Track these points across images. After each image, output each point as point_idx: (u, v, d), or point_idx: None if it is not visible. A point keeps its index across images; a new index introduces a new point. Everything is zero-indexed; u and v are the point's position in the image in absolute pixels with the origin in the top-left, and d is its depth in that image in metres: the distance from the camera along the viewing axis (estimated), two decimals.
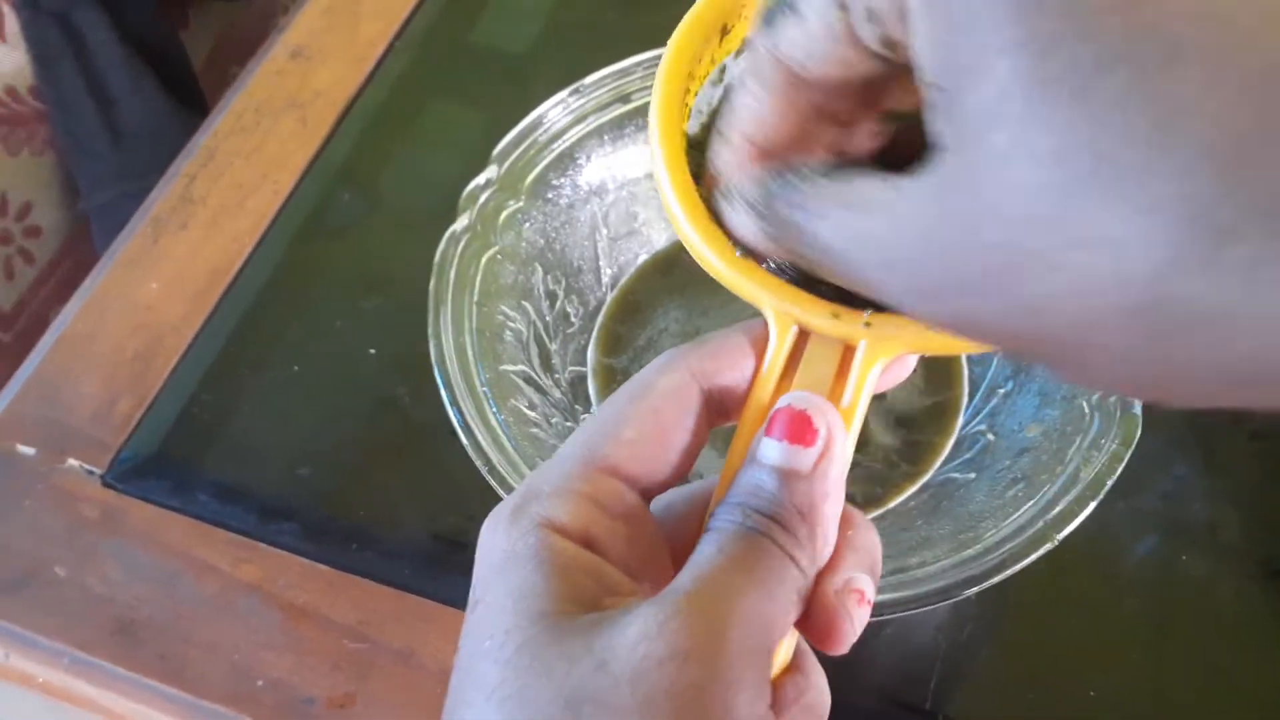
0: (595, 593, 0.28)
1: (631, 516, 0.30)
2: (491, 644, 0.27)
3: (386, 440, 0.63)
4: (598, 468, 0.30)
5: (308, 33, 0.81)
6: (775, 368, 0.32)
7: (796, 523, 0.29)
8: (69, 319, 0.68)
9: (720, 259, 0.33)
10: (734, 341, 0.32)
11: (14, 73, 1.04)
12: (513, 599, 0.28)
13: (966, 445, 0.55)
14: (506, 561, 0.29)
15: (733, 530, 0.29)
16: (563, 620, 0.27)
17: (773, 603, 0.28)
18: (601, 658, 0.26)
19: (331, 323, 0.67)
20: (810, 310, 0.32)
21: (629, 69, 0.59)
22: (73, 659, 0.56)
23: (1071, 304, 0.23)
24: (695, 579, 0.28)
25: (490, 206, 0.56)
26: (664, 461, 0.31)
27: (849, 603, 0.30)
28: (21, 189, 1.05)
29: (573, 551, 0.29)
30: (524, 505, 0.30)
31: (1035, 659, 0.54)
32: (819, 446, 0.30)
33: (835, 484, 0.30)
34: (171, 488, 0.61)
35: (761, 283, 0.33)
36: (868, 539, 0.31)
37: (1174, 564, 0.55)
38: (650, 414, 0.31)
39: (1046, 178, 0.22)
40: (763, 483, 0.30)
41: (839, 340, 0.32)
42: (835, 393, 0.31)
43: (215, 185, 0.73)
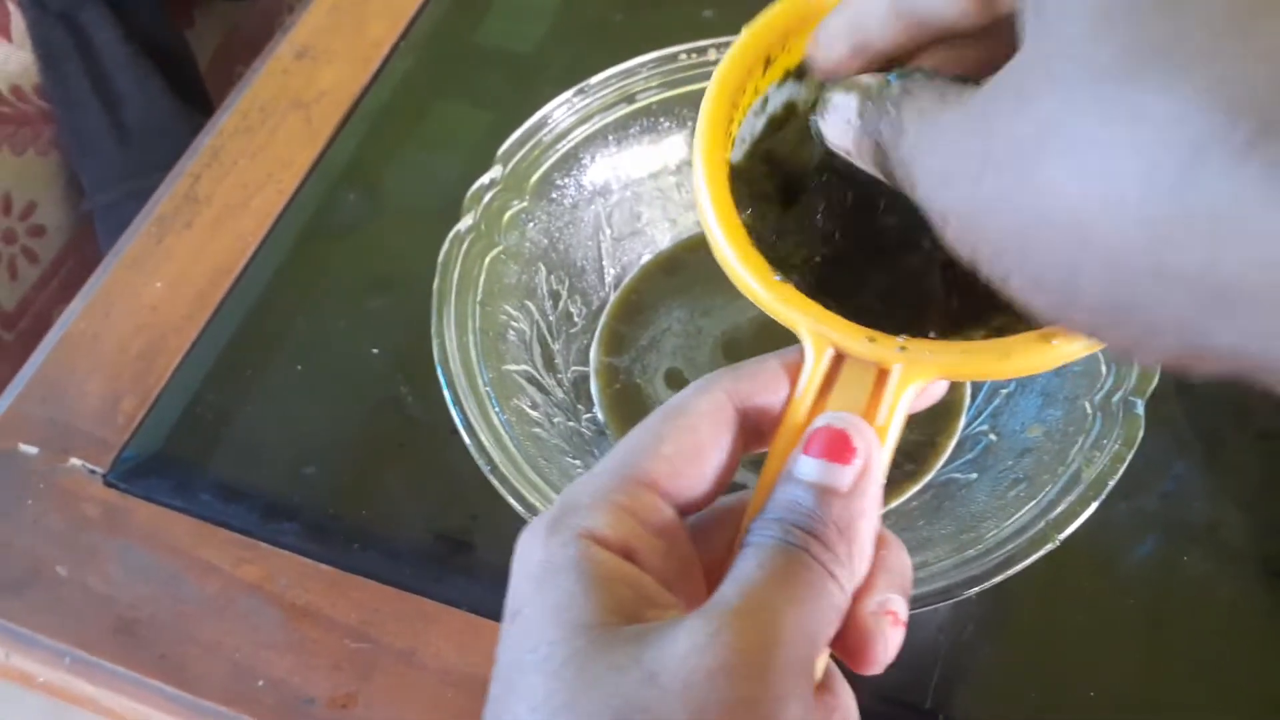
0: (636, 604, 0.28)
1: (668, 531, 0.31)
2: (534, 656, 0.27)
3: (389, 440, 0.63)
4: (637, 481, 0.31)
5: (313, 32, 0.81)
6: (811, 389, 0.32)
7: (835, 539, 0.29)
8: (72, 318, 0.68)
9: (759, 282, 0.34)
10: (769, 366, 0.33)
11: (19, 72, 1.04)
12: (554, 610, 0.28)
13: (969, 445, 0.54)
14: (546, 573, 0.29)
15: (772, 545, 0.29)
16: (607, 632, 0.27)
17: (816, 619, 0.28)
18: (651, 670, 0.26)
19: (335, 322, 0.67)
20: (846, 334, 0.33)
21: (634, 69, 0.59)
22: (74, 658, 0.56)
23: (1091, 192, 0.22)
24: (741, 593, 0.28)
25: (494, 206, 0.56)
26: (700, 479, 0.32)
27: (884, 623, 0.30)
28: (26, 188, 1.06)
29: (613, 563, 0.29)
30: (562, 517, 0.30)
31: (1036, 659, 0.54)
32: (858, 465, 0.30)
33: (872, 503, 0.30)
34: (174, 487, 0.61)
35: (799, 306, 0.33)
36: (900, 560, 0.31)
37: (1175, 564, 0.55)
38: (687, 431, 0.31)
39: (1114, 59, 0.22)
40: (800, 499, 0.30)
41: (874, 364, 0.32)
42: (869, 415, 0.32)
43: (220, 185, 0.73)
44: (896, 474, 0.54)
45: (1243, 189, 0.20)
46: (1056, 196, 0.23)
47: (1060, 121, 0.23)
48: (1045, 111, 0.23)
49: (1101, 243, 0.23)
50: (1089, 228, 0.23)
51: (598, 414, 0.58)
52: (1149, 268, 0.22)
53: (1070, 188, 0.23)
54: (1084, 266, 0.23)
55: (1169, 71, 0.21)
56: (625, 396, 0.59)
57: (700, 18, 0.78)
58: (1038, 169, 0.23)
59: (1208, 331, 0.22)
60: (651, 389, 0.59)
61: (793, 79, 0.37)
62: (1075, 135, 0.23)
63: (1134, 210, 0.22)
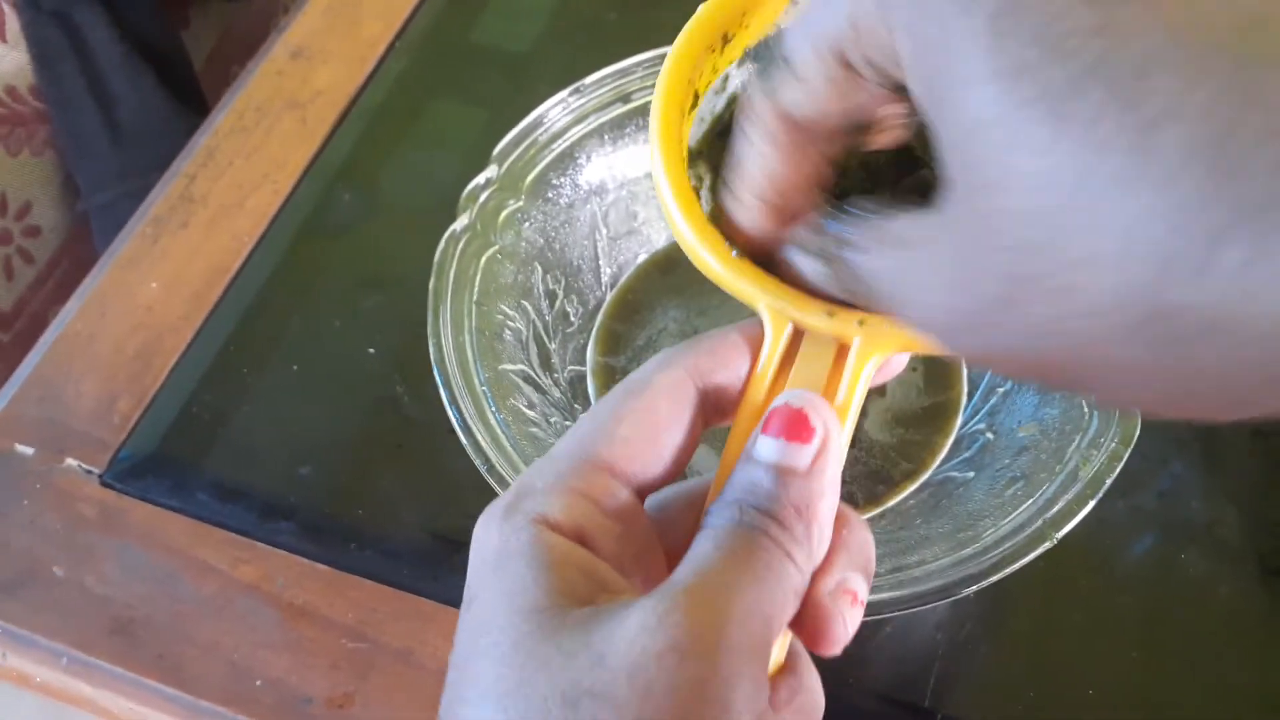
0: (588, 589, 0.28)
1: (625, 514, 0.30)
2: (487, 641, 0.27)
3: (385, 439, 0.63)
4: (592, 465, 0.30)
5: (308, 33, 0.81)
6: (770, 366, 0.32)
7: (793, 520, 0.29)
8: (68, 318, 0.68)
9: (716, 259, 0.33)
10: (730, 340, 0.33)
11: (14, 72, 1.04)
12: (506, 595, 0.28)
13: (965, 444, 0.55)
14: (500, 558, 0.29)
15: (730, 527, 0.29)
16: (557, 615, 0.27)
17: (771, 599, 0.28)
18: (599, 651, 0.26)
19: (331, 322, 0.67)
20: (805, 309, 0.32)
21: (629, 68, 0.59)
22: (71, 658, 0.56)
23: (1078, 326, 0.23)
24: (694, 574, 0.28)
25: (490, 206, 0.56)
26: (658, 459, 0.31)
27: (842, 604, 0.30)
28: (21, 188, 1.05)
29: (566, 547, 0.29)
30: (517, 502, 0.30)
31: (1034, 657, 0.54)
32: (815, 444, 0.30)
33: (831, 482, 0.30)
34: (170, 487, 0.61)
35: (757, 281, 0.33)
36: (860, 538, 0.31)
37: (1172, 562, 0.55)
38: (645, 412, 0.31)
39: (1036, 201, 0.22)
40: (759, 480, 0.30)
41: (834, 338, 0.32)
42: (830, 390, 0.32)
43: (215, 185, 0.73)
44: (894, 473, 0.54)
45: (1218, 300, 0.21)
46: (1058, 339, 0.24)
47: (1028, 264, 0.23)
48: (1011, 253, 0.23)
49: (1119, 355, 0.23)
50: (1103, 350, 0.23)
51: None
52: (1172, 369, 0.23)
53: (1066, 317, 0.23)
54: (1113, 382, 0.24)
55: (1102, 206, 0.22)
56: None
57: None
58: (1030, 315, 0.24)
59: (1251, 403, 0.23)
60: None
61: (751, 60, 0.36)
62: (1045, 270, 0.23)
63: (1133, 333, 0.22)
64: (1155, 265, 0.21)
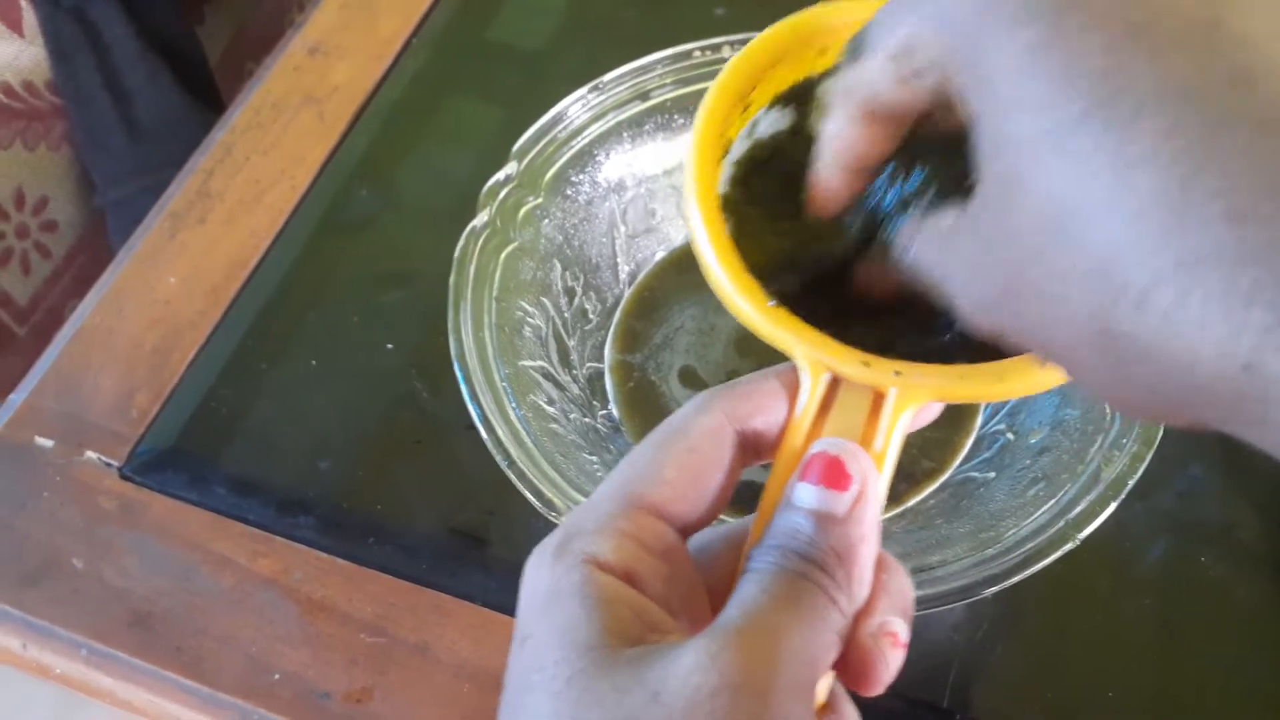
0: (638, 628, 0.29)
1: (670, 555, 0.31)
2: (540, 677, 0.28)
3: (404, 434, 0.63)
4: (638, 507, 0.31)
5: (325, 29, 0.81)
6: (808, 414, 0.33)
7: (834, 565, 0.30)
8: (87, 312, 0.68)
9: (754, 308, 0.34)
10: (768, 386, 0.33)
11: (31, 67, 1.04)
12: (559, 632, 0.28)
13: (986, 444, 0.55)
14: (552, 597, 0.29)
15: (773, 571, 0.30)
16: (610, 653, 0.28)
17: (816, 641, 0.29)
18: (654, 689, 0.26)
19: (349, 317, 0.67)
20: (842, 358, 0.33)
21: (649, 66, 0.59)
22: (90, 650, 0.57)
23: (1058, 328, 0.26)
24: (742, 615, 0.28)
25: (509, 203, 0.56)
26: (700, 501, 0.32)
27: (883, 645, 0.30)
28: (38, 183, 1.05)
29: (616, 587, 0.29)
30: (567, 542, 0.30)
31: (1052, 658, 0.54)
32: (854, 491, 0.31)
33: (871, 527, 0.31)
34: (189, 480, 0.61)
35: (794, 330, 0.34)
36: (900, 583, 0.32)
37: (1192, 564, 0.55)
38: (688, 455, 0.32)
39: (1039, 216, 0.25)
40: (799, 526, 0.30)
41: (870, 387, 0.33)
42: (867, 438, 0.32)
43: (232, 180, 0.73)
44: (915, 472, 0.54)
45: (1148, 332, 0.24)
46: (1046, 332, 0.27)
47: (1022, 269, 0.27)
48: (1011, 256, 0.27)
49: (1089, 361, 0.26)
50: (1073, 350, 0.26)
51: (613, 410, 0.58)
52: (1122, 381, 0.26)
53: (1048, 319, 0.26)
54: (1086, 377, 0.27)
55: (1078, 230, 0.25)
56: (640, 394, 0.59)
57: (712, 15, 0.79)
58: (1028, 311, 0.27)
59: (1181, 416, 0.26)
60: (666, 387, 0.59)
61: (780, 105, 0.38)
62: (1035, 276, 0.26)
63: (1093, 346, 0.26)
64: (1111, 293, 0.24)
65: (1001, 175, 0.26)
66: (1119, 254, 0.24)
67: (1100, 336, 0.25)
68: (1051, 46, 0.25)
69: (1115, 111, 0.24)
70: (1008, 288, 0.27)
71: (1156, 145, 0.23)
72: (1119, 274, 0.24)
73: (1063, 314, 0.25)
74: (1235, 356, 0.23)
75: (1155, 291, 0.23)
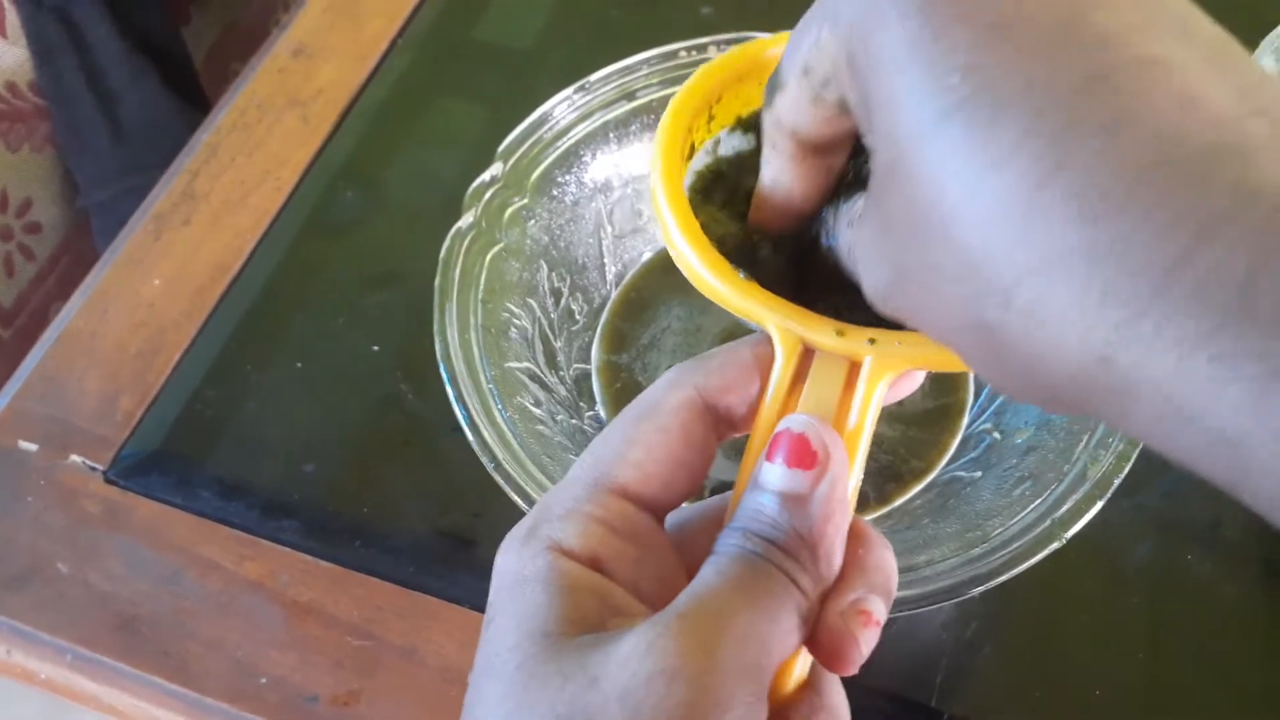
0: (600, 614, 0.29)
1: (640, 537, 0.31)
2: (498, 661, 0.28)
3: (390, 437, 0.62)
4: (607, 489, 0.31)
5: (310, 30, 0.81)
6: (781, 386, 0.32)
7: (797, 546, 0.29)
8: (71, 315, 0.68)
9: (723, 281, 0.34)
10: (740, 358, 0.33)
11: (14, 68, 1.04)
12: (519, 619, 0.29)
13: (972, 444, 0.55)
14: (517, 583, 0.30)
15: (733, 554, 0.29)
16: (562, 640, 0.28)
17: (771, 623, 0.28)
18: (594, 675, 0.27)
19: (334, 319, 0.67)
20: (815, 328, 0.32)
21: (635, 66, 0.59)
22: (75, 655, 0.56)
23: (940, 316, 0.27)
24: (690, 599, 0.28)
25: (495, 203, 0.56)
26: (674, 480, 0.32)
27: (854, 624, 0.30)
28: (21, 185, 1.05)
29: (579, 573, 0.29)
30: (535, 529, 0.30)
31: (1040, 657, 0.54)
32: (819, 469, 0.30)
33: (837, 505, 0.30)
34: (174, 484, 0.61)
35: (766, 302, 0.33)
36: (880, 558, 0.31)
37: (1178, 562, 0.55)
38: (658, 433, 0.32)
39: (912, 214, 0.26)
40: (763, 506, 0.30)
41: (844, 357, 0.32)
42: (842, 408, 0.32)
43: (217, 182, 0.73)
44: (902, 471, 0.54)
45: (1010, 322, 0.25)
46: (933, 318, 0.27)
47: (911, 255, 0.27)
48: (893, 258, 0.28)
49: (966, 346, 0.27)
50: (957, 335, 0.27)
51: (600, 412, 0.58)
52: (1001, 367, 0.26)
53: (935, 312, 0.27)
54: (972, 361, 0.27)
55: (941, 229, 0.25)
56: (627, 395, 0.59)
57: (699, 15, 0.79)
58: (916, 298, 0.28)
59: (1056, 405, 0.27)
60: None
61: (741, 130, 0.38)
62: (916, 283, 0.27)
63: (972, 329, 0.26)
64: (979, 289, 0.24)
65: (886, 167, 0.27)
66: (983, 253, 0.24)
67: (976, 328, 0.25)
68: (925, 41, 0.25)
69: (976, 111, 0.24)
70: (898, 275, 0.27)
71: (1014, 146, 0.23)
72: (984, 272, 0.24)
73: (942, 304, 0.26)
74: (1092, 351, 0.23)
75: (1017, 290, 0.24)
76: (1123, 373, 0.23)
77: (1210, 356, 0.22)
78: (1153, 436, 0.24)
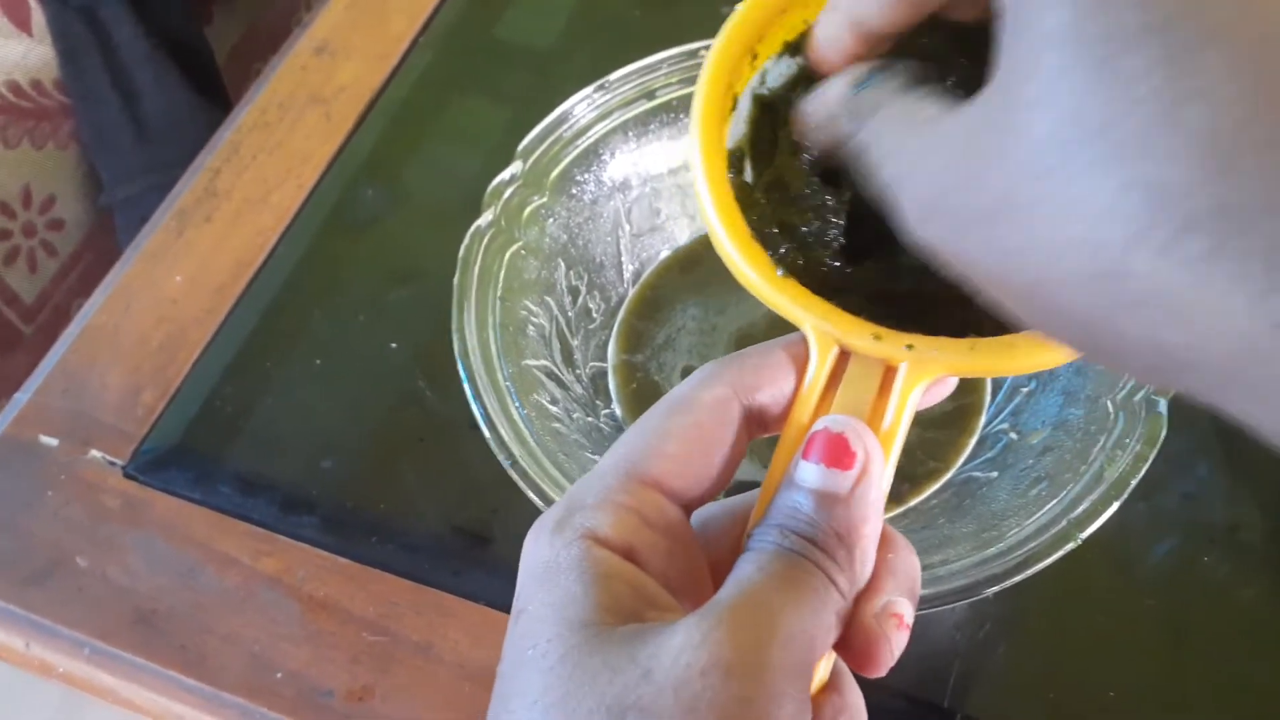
0: (635, 604, 0.28)
1: (672, 530, 0.31)
2: (534, 652, 0.28)
3: (408, 434, 0.63)
4: (640, 481, 0.31)
5: (332, 28, 0.81)
6: (816, 387, 0.32)
7: (834, 545, 0.29)
8: (93, 310, 0.69)
9: (763, 279, 0.34)
10: (775, 358, 0.33)
11: (39, 66, 1.04)
12: (554, 608, 0.28)
13: (989, 444, 0.54)
14: (549, 572, 0.29)
15: (772, 550, 0.29)
16: (605, 630, 0.27)
17: (814, 621, 0.28)
18: (646, 667, 0.26)
19: (354, 316, 0.67)
20: (852, 331, 0.32)
21: (654, 65, 0.59)
22: (93, 649, 0.57)
23: (1040, 261, 0.23)
24: (738, 594, 0.28)
25: (514, 202, 0.56)
26: (704, 476, 0.31)
27: (887, 626, 0.30)
28: (45, 182, 1.06)
29: (614, 563, 0.29)
30: (567, 517, 0.30)
31: (1054, 658, 0.54)
32: (856, 470, 0.30)
33: (874, 507, 0.30)
34: (193, 479, 0.62)
35: (804, 303, 0.33)
36: (907, 562, 0.31)
37: (1195, 565, 0.55)
38: (692, 428, 0.31)
39: (1057, 134, 0.22)
40: (800, 505, 0.30)
41: (880, 361, 0.32)
42: (876, 412, 0.32)
43: (239, 179, 0.73)
44: (918, 471, 0.54)
45: (1169, 280, 0.21)
46: (1022, 262, 0.24)
47: (1022, 186, 0.23)
48: (1012, 169, 0.24)
49: (1067, 298, 0.24)
50: (1054, 287, 0.24)
51: (616, 410, 0.58)
52: (1108, 328, 0.23)
53: (1035, 247, 0.24)
54: (1056, 309, 0.24)
55: (1108, 157, 0.22)
56: (643, 394, 0.59)
57: (719, 14, 0.78)
58: (1006, 234, 0.24)
59: (1168, 378, 0.24)
60: (669, 387, 0.59)
61: (790, 54, 0.37)
62: (1036, 197, 0.23)
63: (1088, 281, 0.23)
64: (1129, 230, 0.21)
65: (1018, 74, 0.24)
66: (1151, 191, 0.21)
67: (1096, 277, 0.22)
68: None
69: (1180, 36, 0.21)
70: (985, 209, 0.24)
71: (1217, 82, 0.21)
72: (1147, 211, 0.21)
73: (1054, 245, 0.23)
74: (1267, 317, 0.21)
75: (1187, 235, 0.21)
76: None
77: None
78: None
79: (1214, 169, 0.20)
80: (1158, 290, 0.22)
